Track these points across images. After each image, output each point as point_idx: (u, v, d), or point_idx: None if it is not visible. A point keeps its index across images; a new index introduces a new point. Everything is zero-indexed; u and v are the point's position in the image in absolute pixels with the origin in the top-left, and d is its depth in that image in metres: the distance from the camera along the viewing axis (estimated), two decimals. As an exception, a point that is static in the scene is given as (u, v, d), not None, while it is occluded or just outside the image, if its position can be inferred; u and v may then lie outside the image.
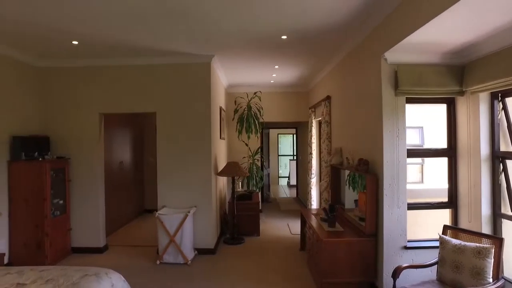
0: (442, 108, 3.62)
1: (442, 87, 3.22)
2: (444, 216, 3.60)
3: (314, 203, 6.74)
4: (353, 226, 3.84)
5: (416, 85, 3.20)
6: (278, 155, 13.95)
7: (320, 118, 6.30)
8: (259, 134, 7.13)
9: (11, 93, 4.44)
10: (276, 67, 5.59)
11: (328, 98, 5.44)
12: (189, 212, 4.43)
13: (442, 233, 3.04)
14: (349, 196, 4.28)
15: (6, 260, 4.30)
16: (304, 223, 4.88)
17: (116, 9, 3.17)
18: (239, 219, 5.65)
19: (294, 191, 11.18)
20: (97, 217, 4.95)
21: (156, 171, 8.09)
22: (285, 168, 14.27)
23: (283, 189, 12.08)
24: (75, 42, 4.14)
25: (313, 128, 6.82)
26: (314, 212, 4.64)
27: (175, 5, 3.07)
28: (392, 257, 3.27)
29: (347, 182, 4.28)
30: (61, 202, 4.74)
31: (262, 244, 5.29)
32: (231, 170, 5.21)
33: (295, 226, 6.32)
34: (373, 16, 3.28)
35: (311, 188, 6.79)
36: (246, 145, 7.10)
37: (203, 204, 4.82)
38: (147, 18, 3.42)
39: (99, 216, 4.96)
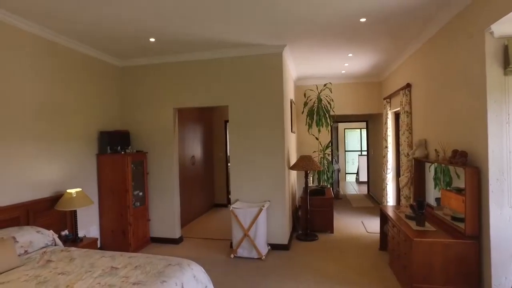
0: None
1: None
2: None
3: (391, 200, 6.26)
4: (446, 225, 3.41)
5: (532, 62, 2.69)
6: (345, 151, 13.39)
7: (397, 109, 5.80)
8: (329, 128, 6.82)
9: (99, 92, 4.78)
10: (350, 55, 5.25)
11: (408, 86, 4.96)
12: (263, 206, 4.35)
13: None
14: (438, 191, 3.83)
15: (98, 244, 4.63)
16: (384, 221, 4.51)
17: (189, 2, 3.18)
18: (311, 215, 5.45)
19: (364, 187, 10.62)
20: (172, 209, 5.12)
21: (225, 166, 8.37)
22: (352, 164, 13.66)
23: (352, 185, 11.54)
24: (152, 39, 4.28)
25: (388, 120, 6.32)
26: (396, 209, 4.25)
27: (251, -9, 2.97)
28: (503, 265, 2.80)
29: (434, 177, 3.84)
30: (140, 194, 4.98)
31: (337, 242, 5.02)
32: (304, 164, 5.02)
33: (371, 224, 5.92)
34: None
35: (386, 184, 6.31)
36: (317, 139, 6.84)
37: (276, 199, 4.71)
38: (219, 10, 3.37)
39: (175, 209, 5.12)
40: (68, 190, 3.79)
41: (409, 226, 3.40)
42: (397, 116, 6.31)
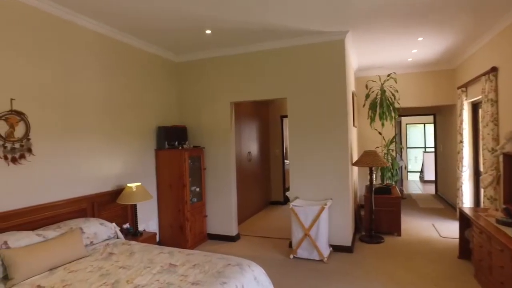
0: None
1: None
2: None
3: (467, 201, 5.57)
4: (552, 234, 2.83)
5: None
6: (407, 148, 12.45)
7: (476, 98, 5.12)
8: (393, 121, 6.27)
9: (157, 87, 4.82)
10: (420, 39, 4.71)
11: (493, 70, 4.31)
12: (325, 204, 4.04)
13: None
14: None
15: (157, 239, 4.67)
16: (465, 225, 3.96)
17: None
18: (376, 216, 5.01)
19: (429, 187, 9.76)
20: (229, 206, 5.00)
21: (281, 163, 8.14)
22: (415, 162, 12.68)
23: (415, 184, 10.67)
24: (208, 31, 4.18)
25: (464, 111, 5.63)
26: (482, 212, 3.69)
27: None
28: None
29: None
30: (197, 189, 4.94)
31: (406, 246, 4.54)
32: (369, 159, 4.61)
33: (444, 228, 5.31)
34: None
35: (462, 183, 5.63)
36: (380, 133, 6.34)
37: (338, 197, 4.37)
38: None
39: (232, 205, 5.00)
40: (129, 184, 3.83)
41: (506, 234, 2.88)
42: (474, 106, 5.59)
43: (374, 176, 6.26)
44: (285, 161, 7.98)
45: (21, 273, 2.32)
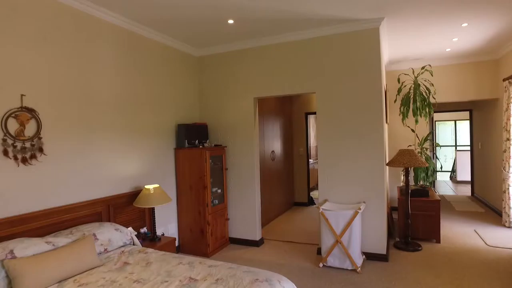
0: None
1: None
2: None
3: (514, 206, 5.04)
4: None
5: None
6: (435, 146, 11.80)
7: (527, 90, 4.60)
8: (428, 118, 5.79)
9: (177, 83, 4.56)
10: (464, 25, 4.24)
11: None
12: (359, 209, 3.67)
13: None
14: None
15: (176, 243, 4.43)
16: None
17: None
18: (413, 220, 4.58)
19: (463, 188, 9.17)
20: (253, 208, 4.70)
21: (305, 162, 7.73)
22: (445, 160, 12.01)
23: (447, 184, 10.05)
24: (230, 21, 3.87)
25: (511, 105, 5.09)
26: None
27: None
28: None
29: None
30: (219, 191, 4.66)
31: (448, 255, 4.10)
32: (405, 159, 4.19)
33: (490, 235, 4.80)
34: None
35: (509, 185, 5.11)
36: (413, 130, 5.87)
37: (372, 200, 3.98)
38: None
39: (256, 208, 4.69)
40: (146, 186, 3.58)
41: None
42: (523, 100, 5.05)
43: (403, 177, 5.82)
44: (309, 160, 7.60)
45: (26, 286, 2.09)
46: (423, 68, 5.68)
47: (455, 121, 12.22)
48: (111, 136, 3.53)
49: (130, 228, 3.14)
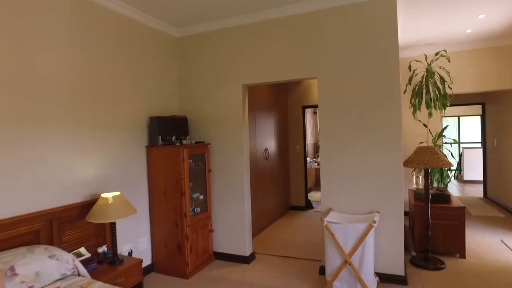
0: None
1: None
2: None
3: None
4: None
5: None
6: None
7: None
8: (444, 111, 5.06)
9: (153, 68, 3.76)
10: (496, -4, 3.51)
11: None
12: (374, 221, 2.92)
13: None
14: None
15: (149, 261, 3.68)
16: None
17: None
18: (432, 231, 3.86)
19: (472, 188, 8.51)
20: (242, 218, 3.93)
21: (303, 161, 6.97)
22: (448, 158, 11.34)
23: (453, 184, 9.38)
24: (212, -12, 3.10)
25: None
26: None
27: None
28: None
29: None
30: (201, 197, 3.89)
31: (479, 275, 3.37)
32: (425, 158, 3.45)
33: (520, 246, 4.11)
34: None
35: (538, 188, 4.41)
36: (425, 125, 5.14)
37: (387, 209, 3.24)
38: None
39: (245, 217, 3.92)
40: (103, 195, 2.79)
41: None
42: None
43: (420, 178, 5.10)
44: (307, 159, 6.84)
45: None
46: (437, 53, 4.95)
47: (458, 117, 11.60)
48: (62, 132, 2.75)
49: (71, 255, 2.34)
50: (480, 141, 10.63)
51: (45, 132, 2.61)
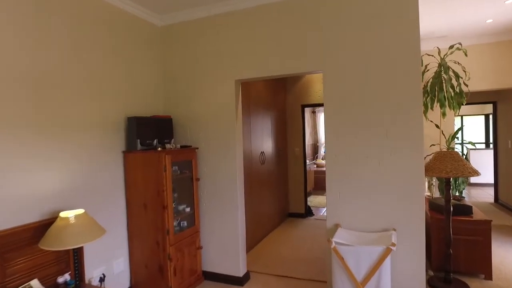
0: None
1: None
2: None
3: None
4: None
5: None
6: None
7: None
8: (458, 110, 4.59)
9: (132, 61, 3.25)
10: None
11: None
12: (393, 244, 2.42)
13: None
14: None
15: (127, 284, 3.17)
16: None
17: None
18: (452, 248, 3.37)
19: (479, 191, 8.03)
20: (235, 232, 3.43)
21: (302, 165, 6.44)
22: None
23: (459, 188, 8.91)
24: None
25: None
26: None
27: None
28: None
29: None
30: (188, 209, 3.38)
31: (510, 301, 2.89)
32: (448, 165, 2.96)
33: (549, 263, 3.63)
34: None
35: None
36: (437, 126, 4.67)
37: (405, 226, 2.75)
38: None
39: (238, 231, 3.42)
40: (63, 214, 2.28)
41: None
42: None
43: (433, 185, 4.62)
44: (307, 162, 6.34)
45: None
46: (451, 47, 4.47)
47: (461, 116, 11.16)
48: (18, 134, 2.23)
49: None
50: (484, 141, 10.21)
51: (-13, 136, 2.10)
